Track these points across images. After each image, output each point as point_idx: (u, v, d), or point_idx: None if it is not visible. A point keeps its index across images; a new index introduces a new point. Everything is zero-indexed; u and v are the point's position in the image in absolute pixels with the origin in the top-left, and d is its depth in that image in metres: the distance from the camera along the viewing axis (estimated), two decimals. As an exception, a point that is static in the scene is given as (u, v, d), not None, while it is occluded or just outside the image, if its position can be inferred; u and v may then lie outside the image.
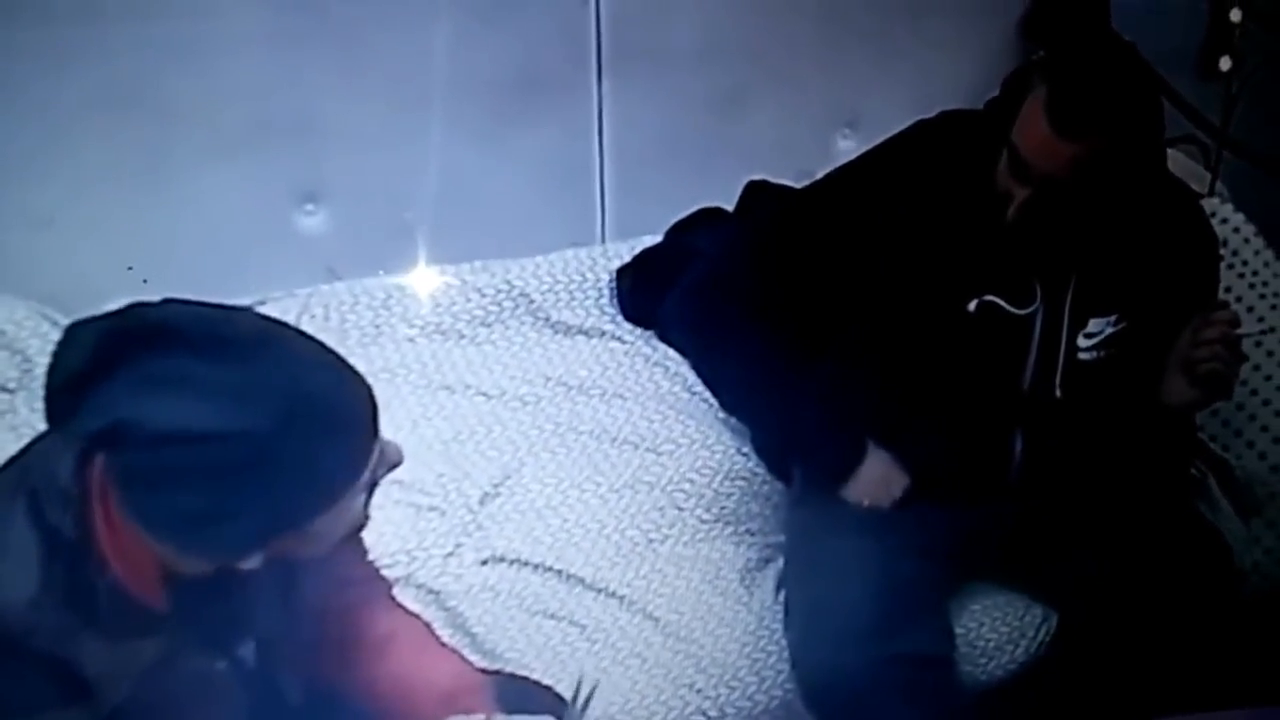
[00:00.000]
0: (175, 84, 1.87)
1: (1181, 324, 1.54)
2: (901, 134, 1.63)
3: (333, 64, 1.96)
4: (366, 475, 1.01)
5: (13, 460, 1.03)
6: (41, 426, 1.02)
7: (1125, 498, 1.63)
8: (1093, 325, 1.57)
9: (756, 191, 2.11)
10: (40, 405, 0.97)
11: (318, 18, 1.93)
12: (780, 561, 1.73)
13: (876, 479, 1.62)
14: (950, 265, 1.55)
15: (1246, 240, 2.12)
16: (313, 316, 1.88)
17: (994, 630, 1.69)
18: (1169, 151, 2.23)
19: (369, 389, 1.01)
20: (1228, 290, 1.90)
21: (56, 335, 0.96)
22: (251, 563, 0.99)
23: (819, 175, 1.71)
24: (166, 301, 0.96)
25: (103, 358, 0.92)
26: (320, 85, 1.96)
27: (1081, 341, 1.57)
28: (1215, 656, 1.57)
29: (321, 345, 1.01)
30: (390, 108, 2.01)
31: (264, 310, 1.25)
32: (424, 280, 1.96)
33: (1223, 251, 2.05)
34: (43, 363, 0.98)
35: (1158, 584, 1.57)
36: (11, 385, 1.69)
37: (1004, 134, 1.47)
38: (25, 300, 1.77)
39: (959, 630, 1.65)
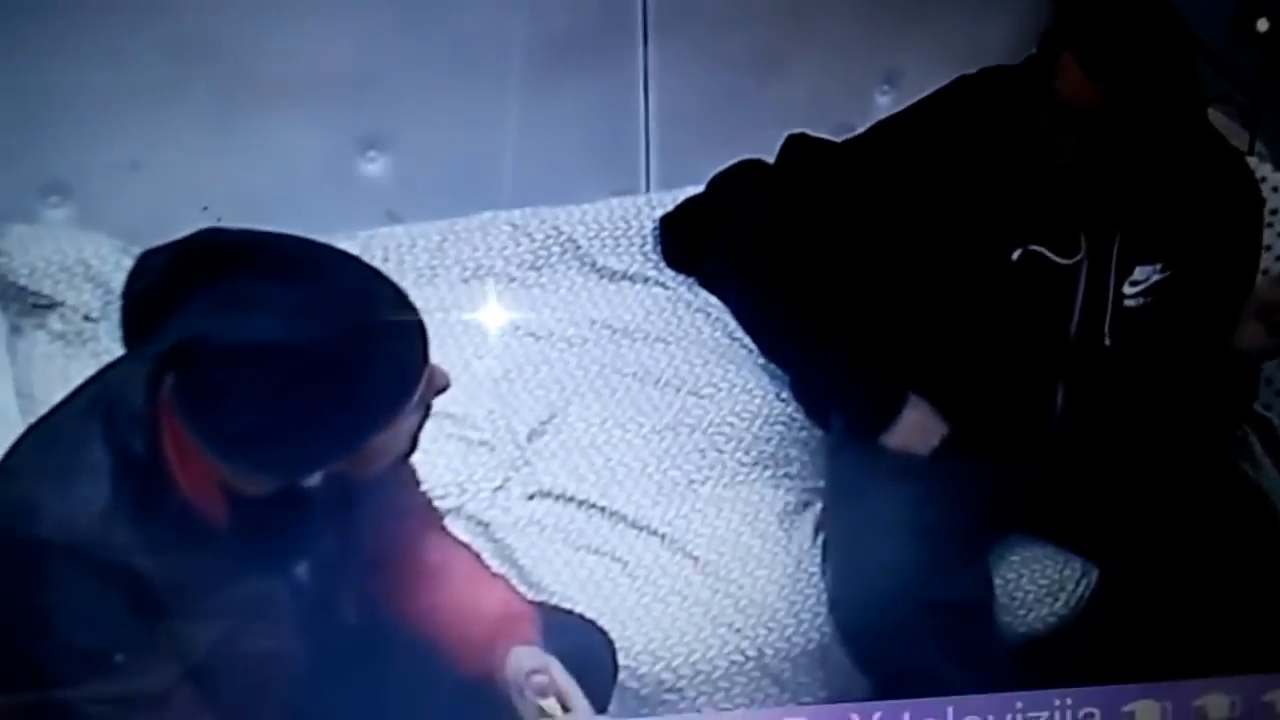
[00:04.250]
0: (248, 38, 1.90)
1: (1225, 271, 1.51)
2: (944, 89, 1.59)
3: (396, 22, 1.97)
4: (417, 397, 1.01)
5: (89, 382, 1.04)
6: (120, 352, 1.02)
7: (1167, 453, 1.59)
8: (1138, 273, 1.54)
9: (796, 144, 2.06)
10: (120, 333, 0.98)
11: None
12: (818, 506, 1.71)
13: (915, 427, 1.59)
14: (993, 216, 1.51)
15: (1288, 199, 2.05)
16: (372, 257, 1.84)
17: (1033, 582, 1.66)
18: (1209, 110, 2.17)
19: (420, 316, 1.01)
20: (1268, 249, 1.83)
21: (135, 269, 0.97)
22: (311, 480, 0.98)
23: (858, 129, 1.67)
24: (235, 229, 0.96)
25: (174, 279, 0.93)
26: (383, 42, 1.98)
27: (1127, 289, 1.54)
28: (1256, 615, 1.52)
29: (378, 272, 1.01)
30: (449, 64, 2.02)
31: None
32: (477, 225, 1.97)
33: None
34: (122, 294, 1.00)
35: (1199, 541, 1.53)
36: (95, 315, 1.74)
37: (1044, 89, 1.44)
38: (110, 237, 1.81)
39: (998, 581, 1.62)
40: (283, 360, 0.91)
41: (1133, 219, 1.51)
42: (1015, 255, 1.51)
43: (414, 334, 1.00)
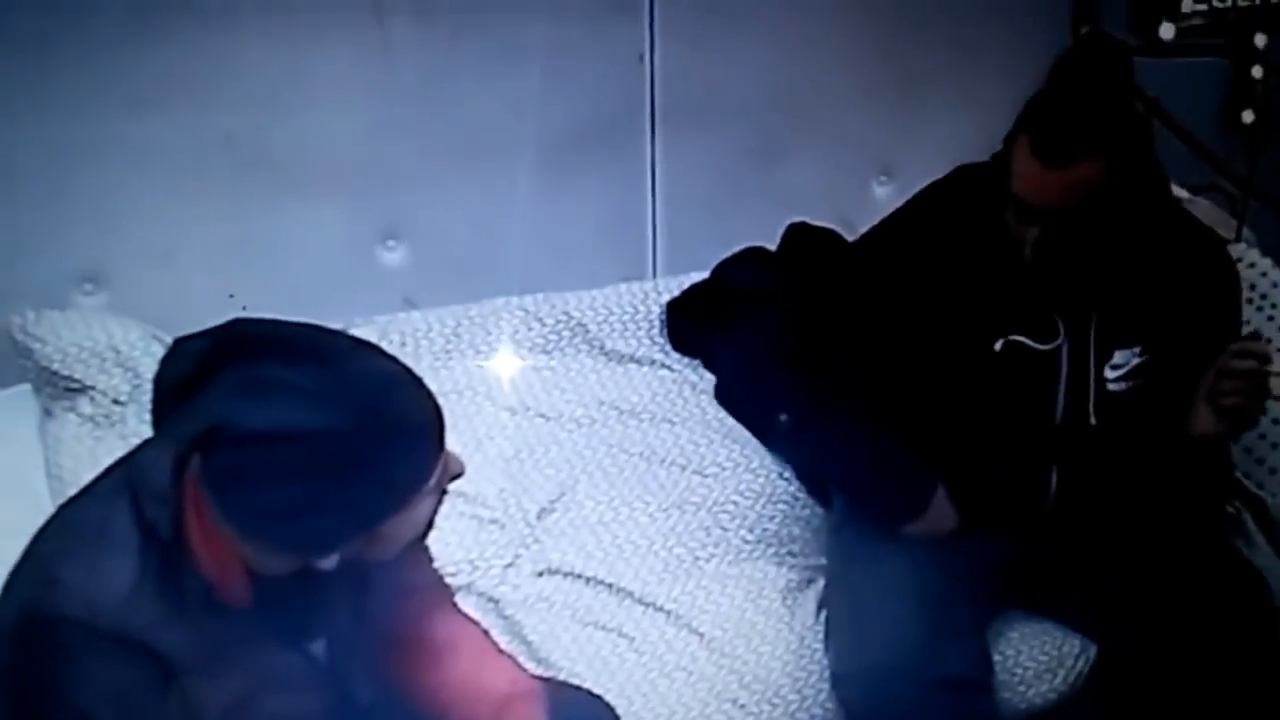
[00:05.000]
0: (274, 134, 1.96)
1: (1203, 355, 1.52)
2: (917, 195, 1.64)
3: (414, 116, 2.03)
4: (433, 482, 1.03)
5: (119, 463, 1.07)
6: (147, 435, 1.05)
7: (1160, 531, 1.59)
8: (1118, 357, 1.55)
9: (797, 233, 2.12)
10: (148, 417, 1.02)
11: (400, 73, 2.01)
12: (820, 583, 1.71)
13: (939, 515, 1.60)
14: (973, 311, 1.54)
15: (1275, 284, 2.08)
16: (390, 342, 1.90)
17: (1032, 659, 1.65)
18: (1196, 199, 2.21)
19: (437, 403, 1.04)
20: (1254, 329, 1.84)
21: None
22: (328, 563, 1.01)
23: (855, 219, 1.74)
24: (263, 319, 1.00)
25: (204, 367, 0.96)
26: (402, 135, 2.04)
27: (1108, 373, 1.56)
28: (1252, 693, 1.50)
29: (397, 361, 1.04)
30: (465, 155, 2.08)
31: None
32: (490, 311, 2.00)
33: (1251, 295, 2.00)
34: (151, 379, 1.03)
35: (1194, 619, 1.52)
36: (123, 398, 1.76)
37: (1005, 182, 1.47)
38: (140, 324, 1.85)
39: (997, 657, 1.61)
40: (304, 445, 0.94)
41: (1106, 304, 1.53)
42: (998, 346, 1.54)
43: (430, 421, 1.03)
